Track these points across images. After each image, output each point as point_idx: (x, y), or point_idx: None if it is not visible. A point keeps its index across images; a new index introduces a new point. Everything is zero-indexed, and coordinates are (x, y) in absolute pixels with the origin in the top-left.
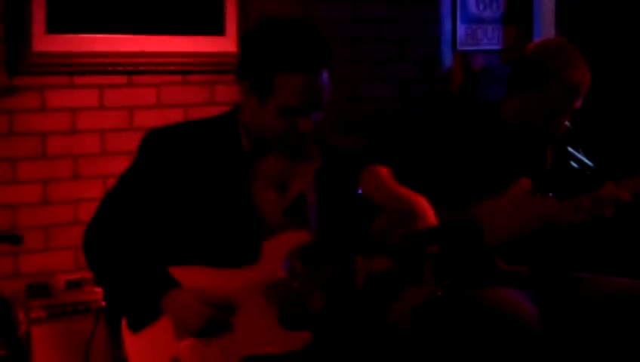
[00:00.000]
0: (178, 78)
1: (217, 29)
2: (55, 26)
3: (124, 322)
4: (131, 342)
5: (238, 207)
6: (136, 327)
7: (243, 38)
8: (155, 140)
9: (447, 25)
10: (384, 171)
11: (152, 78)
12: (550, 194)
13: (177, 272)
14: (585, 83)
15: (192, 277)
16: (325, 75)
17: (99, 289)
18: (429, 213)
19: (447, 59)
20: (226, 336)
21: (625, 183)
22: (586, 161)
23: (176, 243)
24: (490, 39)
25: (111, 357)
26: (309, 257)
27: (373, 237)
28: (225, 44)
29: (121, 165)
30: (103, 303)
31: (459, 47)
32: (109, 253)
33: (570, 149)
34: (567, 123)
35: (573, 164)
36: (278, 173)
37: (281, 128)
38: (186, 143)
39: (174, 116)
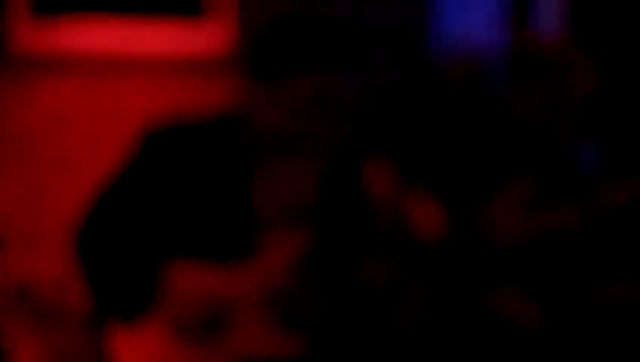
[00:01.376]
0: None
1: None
2: (40, 9)
3: (112, 323)
4: (119, 342)
5: (240, 205)
6: (128, 316)
7: (258, 35)
8: (157, 143)
9: (447, 18)
10: (386, 163)
11: (138, 76)
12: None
13: (175, 268)
14: (582, 85)
15: (189, 274)
16: (340, 76)
17: (88, 296)
18: (430, 213)
19: (449, 52)
20: (217, 336)
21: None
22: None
23: (174, 239)
24: (492, 32)
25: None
26: (309, 259)
27: (377, 235)
28: (205, 32)
29: (111, 165)
30: (93, 308)
31: (461, 41)
32: (107, 251)
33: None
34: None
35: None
36: (283, 172)
37: (291, 127)
38: (189, 144)
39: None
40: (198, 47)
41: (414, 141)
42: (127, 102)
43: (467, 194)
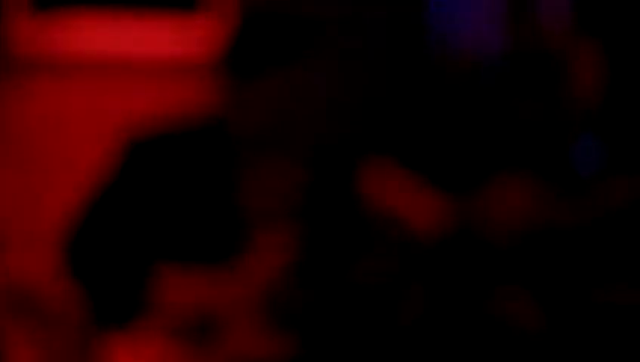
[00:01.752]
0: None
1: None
2: (40, 7)
3: (109, 326)
4: (116, 345)
5: (226, 207)
6: (122, 321)
7: (232, 34)
8: (141, 149)
9: (447, 13)
10: (384, 161)
11: (138, 75)
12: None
13: (166, 271)
14: (587, 81)
15: (182, 278)
16: (316, 71)
17: (90, 298)
18: (430, 213)
19: (449, 48)
20: (212, 338)
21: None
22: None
23: (165, 243)
24: (493, 25)
25: None
26: (306, 259)
27: (372, 237)
28: (205, 31)
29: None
30: (91, 311)
31: (459, 39)
32: (96, 258)
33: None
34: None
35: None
36: (268, 173)
37: (274, 126)
38: (172, 149)
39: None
40: (199, 46)
41: (413, 139)
42: (128, 102)
43: (467, 193)
